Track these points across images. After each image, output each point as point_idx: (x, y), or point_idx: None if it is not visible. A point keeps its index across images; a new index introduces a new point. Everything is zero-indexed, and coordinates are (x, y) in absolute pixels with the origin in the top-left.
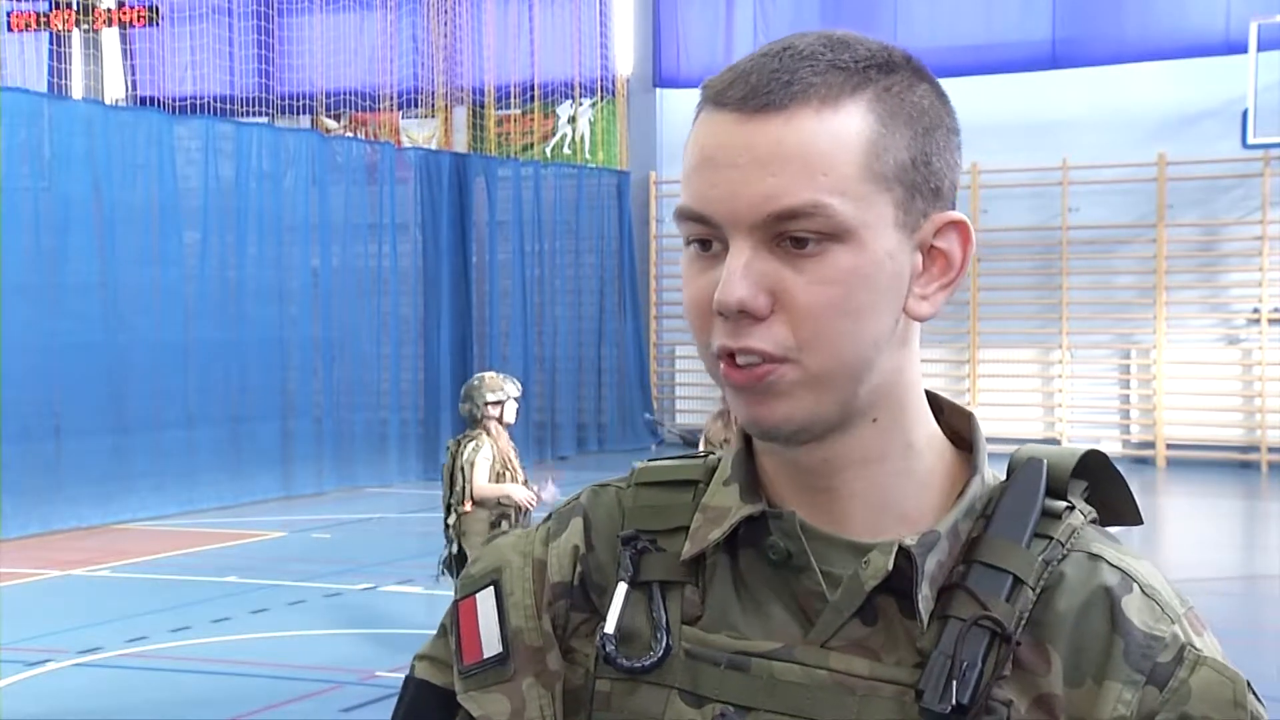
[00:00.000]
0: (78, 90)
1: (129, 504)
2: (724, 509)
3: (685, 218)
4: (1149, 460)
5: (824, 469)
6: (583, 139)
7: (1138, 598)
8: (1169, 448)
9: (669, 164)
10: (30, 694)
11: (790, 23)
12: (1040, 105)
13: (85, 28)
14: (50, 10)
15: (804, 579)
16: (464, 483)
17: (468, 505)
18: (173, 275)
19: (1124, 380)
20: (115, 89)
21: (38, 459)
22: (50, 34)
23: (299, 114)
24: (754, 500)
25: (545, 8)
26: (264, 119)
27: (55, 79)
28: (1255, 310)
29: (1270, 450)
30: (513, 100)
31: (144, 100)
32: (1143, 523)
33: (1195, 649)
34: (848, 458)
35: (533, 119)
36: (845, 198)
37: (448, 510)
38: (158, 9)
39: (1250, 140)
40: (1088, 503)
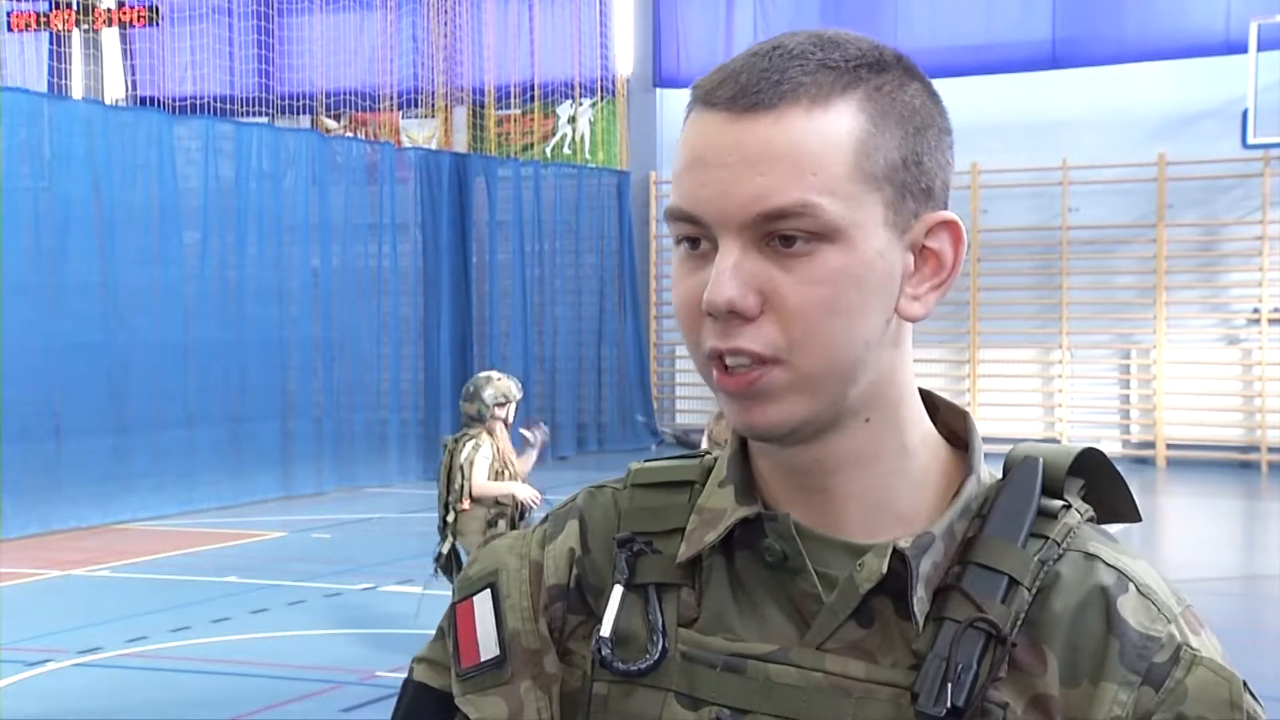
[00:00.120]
0: (78, 90)
1: (129, 504)
2: (719, 511)
3: (675, 217)
4: (1149, 460)
5: (818, 470)
6: (583, 139)
7: (1133, 597)
8: (1169, 448)
9: (669, 164)
10: (30, 694)
11: (790, 23)
12: (1040, 105)
13: (85, 28)
14: (50, 10)
15: (799, 581)
16: (463, 480)
17: (466, 503)
18: (173, 275)
19: (1124, 380)
20: (115, 89)
21: (38, 459)
22: (50, 34)
23: (299, 114)
24: (749, 502)
25: (545, 8)
26: (264, 119)
27: (55, 79)
28: (1255, 310)
29: (1270, 450)
30: (513, 100)
31: (144, 100)
32: (1141, 520)
33: (1192, 649)
34: (841, 458)
35: (533, 119)
36: (835, 197)
37: (445, 508)
38: (158, 9)
39: (1250, 140)
40: (1085, 501)
